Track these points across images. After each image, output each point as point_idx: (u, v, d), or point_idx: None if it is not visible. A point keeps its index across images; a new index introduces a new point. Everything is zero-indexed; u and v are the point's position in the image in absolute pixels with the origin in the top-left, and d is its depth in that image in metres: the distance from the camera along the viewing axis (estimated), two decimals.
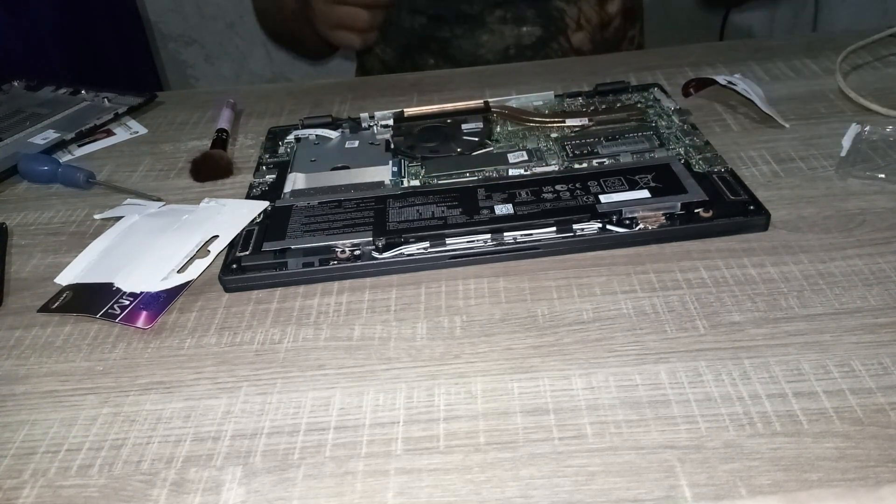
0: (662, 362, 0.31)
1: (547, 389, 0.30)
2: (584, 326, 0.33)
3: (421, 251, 0.38)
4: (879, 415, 0.28)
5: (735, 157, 0.45)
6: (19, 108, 0.62)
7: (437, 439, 0.28)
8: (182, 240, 0.41)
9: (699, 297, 0.34)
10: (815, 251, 0.36)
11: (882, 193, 0.40)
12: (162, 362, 0.34)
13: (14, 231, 0.46)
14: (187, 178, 0.50)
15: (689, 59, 0.60)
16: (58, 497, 0.28)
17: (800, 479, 0.25)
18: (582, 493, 0.26)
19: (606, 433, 0.28)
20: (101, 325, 0.37)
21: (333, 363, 0.33)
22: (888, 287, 0.34)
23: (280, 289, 0.38)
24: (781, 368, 0.30)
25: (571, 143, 0.46)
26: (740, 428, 0.28)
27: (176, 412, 0.31)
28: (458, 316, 0.35)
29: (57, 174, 0.51)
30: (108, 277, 0.39)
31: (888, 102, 0.48)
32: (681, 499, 0.25)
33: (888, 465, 0.26)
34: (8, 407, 0.32)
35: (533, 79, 0.60)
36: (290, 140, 0.51)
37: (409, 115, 0.53)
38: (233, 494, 0.27)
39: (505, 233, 0.38)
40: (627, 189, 0.40)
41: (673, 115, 0.49)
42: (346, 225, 0.40)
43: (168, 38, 1.46)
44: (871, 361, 0.30)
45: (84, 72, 1.16)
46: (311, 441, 0.29)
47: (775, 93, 0.52)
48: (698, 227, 0.38)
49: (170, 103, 0.63)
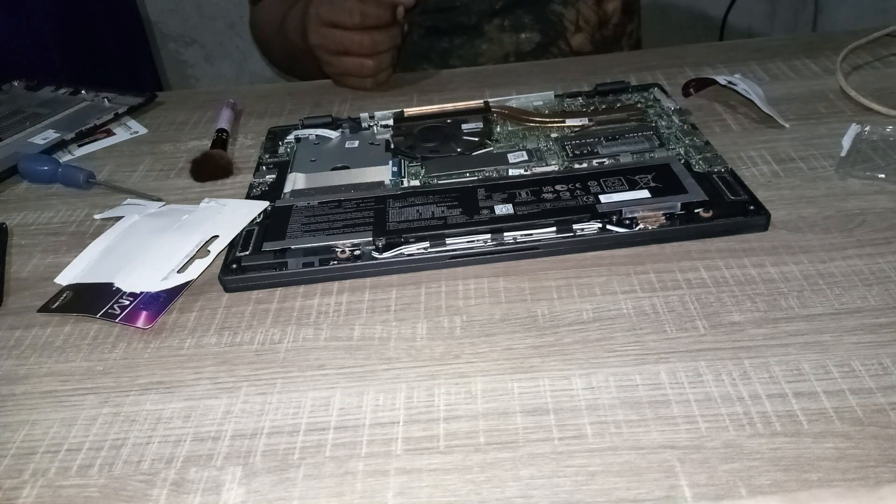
0: (662, 362, 0.31)
1: (547, 389, 0.30)
2: (584, 326, 0.33)
3: (421, 251, 0.38)
4: (879, 415, 0.28)
5: (735, 157, 0.45)
6: (19, 108, 0.62)
7: (437, 439, 0.28)
8: (182, 240, 0.41)
9: (699, 297, 0.34)
10: (815, 251, 0.36)
11: (882, 193, 0.40)
12: (162, 362, 0.34)
13: (14, 231, 0.46)
14: (187, 178, 0.50)
15: (689, 59, 0.60)
16: (58, 497, 0.28)
17: (800, 479, 0.25)
18: (582, 493, 0.26)
19: (606, 433, 0.28)
20: (101, 325, 0.37)
21: (333, 363, 0.33)
22: (888, 287, 0.34)
23: (280, 289, 0.38)
24: (781, 368, 0.30)
25: (571, 143, 0.46)
26: (740, 428, 0.28)
27: (176, 412, 0.31)
28: (458, 316, 0.35)
29: (57, 174, 0.51)
30: (108, 277, 0.39)
31: (888, 102, 0.48)
32: (681, 499, 0.25)
33: (888, 465, 0.26)
34: (8, 407, 0.32)
35: (533, 79, 0.60)
36: (290, 140, 0.51)
37: (409, 115, 0.53)
38: (233, 494, 0.27)
39: (505, 233, 0.38)
40: (627, 189, 0.40)
41: (673, 115, 0.49)
42: (346, 225, 0.40)
43: (168, 38, 1.46)
44: (871, 361, 0.30)
45: (84, 72, 1.16)
46: (311, 441, 0.29)
47: (775, 93, 0.52)
48: (698, 227, 0.38)
49: (170, 103, 0.63)
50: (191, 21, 1.44)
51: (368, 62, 0.58)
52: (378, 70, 0.59)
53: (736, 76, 0.52)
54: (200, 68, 1.50)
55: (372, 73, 0.59)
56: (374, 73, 0.59)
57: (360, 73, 0.59)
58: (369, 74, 0.59)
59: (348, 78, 0.60)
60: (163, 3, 1.41)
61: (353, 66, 0.58)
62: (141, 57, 1.38)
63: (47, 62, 1.11)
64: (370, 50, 0.57)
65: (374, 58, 0.58)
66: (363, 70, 0.58)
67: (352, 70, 0.59)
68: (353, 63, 0.58)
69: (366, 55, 0.57)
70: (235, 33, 1.44)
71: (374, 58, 0.58)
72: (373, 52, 0.57)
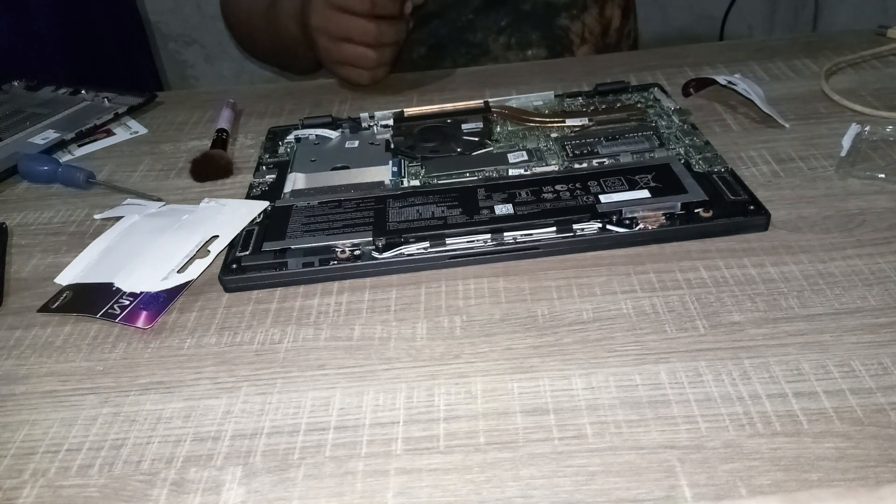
0: (662, 362, 0.31)
1: (547, 389, 0.30)
2: (584, 326, 0.33)
3: (421, 251, 0.38)
4: (879, 415, 0.28)
5: (735, 157, 0.45)
6: (19, 108, 0.62)
7: (437, 439, 0.28)
8: (182, 240, 0.41)
9: (699, 297, 0.34)
10: (815, 251, 0.36)
11: (882, 193, 0.40)
12: (162, 362, 0.34)
13: (14, 231, 0.46)
14: (187, 178, 0.50)
15: (689, 59, 0.60)
16: (58, 497, 0.28)
17: (800, 479, 0.25)
18: (582, 493, 0.26)
19: (606, 433, 0.28)
20: (101, 325, 0.37)
21: (333, 363, 0.33)
22: (888, 287, 0.34)
23: (280, 289, 0.38)
24: (781, 368, 0.30)
25: (571, 143, 0.46)
26: (740, 428, 0.28)
27: (176, 412, 0.31)
28: (458, 316, 0.35)
29: (57, 174, 0.51)
30: (108, 277, 0.39)
31: (888, 102, 0.49)
32: (681, 499, 0.25)
33: (888, 465, 0.26)
34: (8, 407, 0.32)
35: (533, 79, 0.60)
36: (290, 140, 0.51)
37: (409, 115, 0.53)
38: (233, 494, 0.27)
39: (505, 233, 0.38)
40: (627, 189, 0.40)
41: (673, 115, 0.49)
42: (346, 225, 0.40)
43: (168, 38, 1.46)
44: (871, 361, 0.30)
45: (84, 72, 1.16)
46: (311, 441, 0.29)
47: (775, 93, 0.52)
48: (698, 227, 0.38)
49: (170, 103, 0.63)
50: (191, 21, 1.44)
51: (371, 53, 0.55)
52: (378, 63, 0.57)
53: (736, 76, 0.52)
54: (200, 68, 1.50)
55: (372, 65, 0.56)
56: (374, 65, 0.56)
57: (359, 64, 0.56)
58: (369, 66, 0.56)
59: (345, 67, 0.57)
60: (163, 3, 1.41)
61: (354, 54, 0.56)
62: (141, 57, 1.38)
63: (47, 62, 1.11)
64: (374, 40, 0.55)
65: (377, 49, 0.56)
66: (364, 61, 0.56)
67: (352, 59, 0.56)
68: (354, 52, 0.55)
69: (369, 45, 0.55)
70: None
71: (376, 49, 0.55)
72: (376, 43, 0.55)
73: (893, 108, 0.48)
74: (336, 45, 0.56)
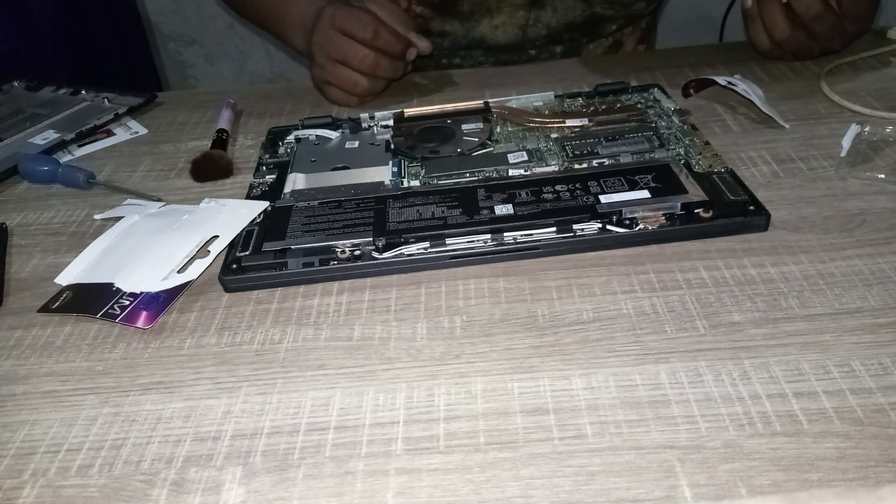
0: (662, 362, 0.31)
1: (547, 389, 0.30)
2: (584, 326, 0.33)
3: (421, 251, 0.38)
4: (879, 415, 0.28)
5: (735, 158, 0.45)
6: (19, 108, 0.62)
7: (437, 439, 0.28)
8: (182, 240, 0.41)
9: (699, 297, 0.34)
10: (815, 251, 0.36)
11: (882, 193, 0.40)
12: (162, 362, 0.34)
13: (14, 231, 0.46)
14: (187, 179, 0.50)
15: (688, 59, 0.60)
16: (58, 497, 0.28)
17: (800, 479, 0.25)
18: (582, 493, 0.26)
19: (606, 433, 0.28)
20: (101, 325, 0.37)
21: (333, 363, 0.33)
22: (888, 287, 0.34)
23: (280, 289, 0.38)
24: (781, 368, 0.30)
25: (571, 144, 0.46)
26: (740, 428, 0.28)
27: (176, 412, 0.31)
28: (458, 316, 0.35)
29: (57, 174, 0.51)
30: (108, 277, 0.39)
31: (888, 103, 0.49)
32: (681, 499, 0.25)
33: (888, 465, 0.26)
34: (8, 407, 0.32)
35: (533, 79, 0.60)
36: (290, 140, 0.51)
37: (409, 116, 0.53)
38: (233, 494, 0.27)
39: (505, 233, 0.38)
40: (627, 189, 0.40)
41: (673, 116, 0.49)
42: (346, 225, 0.40)
43: (168, 38, 1.46)
44: (871, 361, 0.30)
45: (84, 72, 1.16)
46: (311, 441, 0.29)
47: (775, 93, 0.52)
48: (698, 227, 0.38)
49: (170, 103, 0.63)
50: (191, 21, 1.44)
51: (363, 80, 0.56)
52: (368, 92, 0.57)
53: (736, 77, 0.52)
54: (200, 68, 1.50)
55: (361, 92, 0.57)
56: (364, 93, 0.57)
57: (349, 89, 0.57)
58: (358, 93, 0.57)
59: (334, 89, 0.57)
60: (163, 3, 1.41)
61: (345, 79, 0.56)
62: (141, 57, 1.37)
63: (47, 62, 1.11)
64: (369, 69, 0.55)
65: (370, 79, 0.56)
66: (355, 87, 0.56)
67: (343, 82, 0.56)
68: (347, 76, 0.56)
69: (363, 72, 0.55)
70: (235, 34, 1.44)
71: (370, 79, 0.56)
72: (371, 73, 0.55)
73: (893, 108, 0.48)
74: (331, 64, 0.56)
